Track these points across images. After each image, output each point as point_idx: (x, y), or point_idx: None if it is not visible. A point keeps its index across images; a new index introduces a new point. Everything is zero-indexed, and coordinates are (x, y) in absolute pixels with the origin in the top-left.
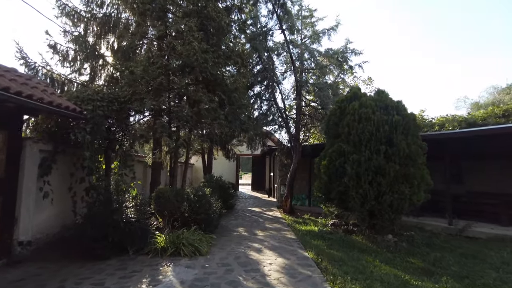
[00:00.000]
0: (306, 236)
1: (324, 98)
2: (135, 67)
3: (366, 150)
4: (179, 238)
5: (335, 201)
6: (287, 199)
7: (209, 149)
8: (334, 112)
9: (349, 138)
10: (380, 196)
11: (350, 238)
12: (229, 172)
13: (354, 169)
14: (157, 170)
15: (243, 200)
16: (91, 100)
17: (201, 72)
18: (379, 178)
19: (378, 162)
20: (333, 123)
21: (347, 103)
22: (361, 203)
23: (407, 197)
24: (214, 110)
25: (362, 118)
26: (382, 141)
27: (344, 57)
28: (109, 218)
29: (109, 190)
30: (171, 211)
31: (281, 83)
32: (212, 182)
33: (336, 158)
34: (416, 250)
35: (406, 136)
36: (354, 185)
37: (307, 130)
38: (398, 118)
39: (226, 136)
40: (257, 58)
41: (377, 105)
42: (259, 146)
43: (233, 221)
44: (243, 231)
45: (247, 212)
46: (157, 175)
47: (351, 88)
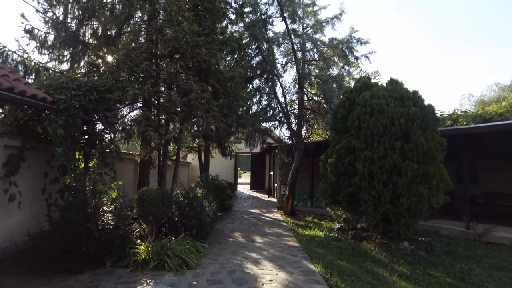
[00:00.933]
0: (310, 244)
1: (328, 91)
2: (116, 51)
3: (380, 146)
4: (164, 248)
5: (343, 204)
6: (289, 200)
7: (205, 147)
8: (342, 104)
9: (359, 133)
10: (396, 199)
11: (360, 246)
12: (227, 171)
13: (366, 167)
14: (145, 169)
15: (241, 200)
16: (65, 89)
17: (192, 57)
18: (394, 177)
19: (393, 159)
20: (341, 116)
21: (357, 93)
22: (374, 207)
23: (425, 200)
24: (207, 101)
25: (375, 110)
26: (397, 136)
27: (349, 47)
28: (81, 225)
29: (84, 192)
30: (157, 216)
31: (282, 76)
32: (208, 182)
33: (345, 155)
34: (436, 260)
35: (424, 131)
36: (366, 186)
37: (309, 126)
38: (415, 110)
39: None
40: (256, 48)
41: (391, 95)
42: (258, 143)
43: (230, 224)
44: (240, 237)
45: (245, 214)
46: (145, 174)
47: (361, 77)
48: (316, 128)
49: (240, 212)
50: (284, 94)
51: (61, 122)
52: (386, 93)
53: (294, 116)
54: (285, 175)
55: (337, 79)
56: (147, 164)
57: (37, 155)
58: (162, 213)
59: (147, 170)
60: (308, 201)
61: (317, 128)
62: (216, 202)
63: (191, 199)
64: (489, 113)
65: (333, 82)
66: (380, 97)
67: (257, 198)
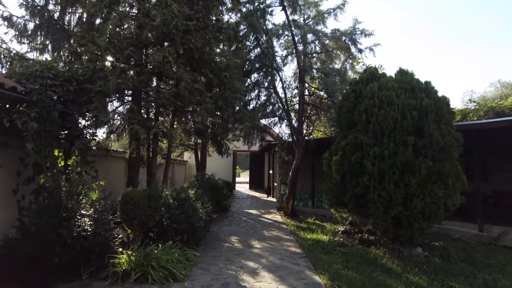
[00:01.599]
0: (314, 249)
1: (331, 85)
2: (98, 37)
3: (390, 142)
4: (148, 258)
5: (350, 206)
6: (289, 201)
7: (202, 145)
8: (347, 97)
9: (367, 128)
10: (408, 200)
11: (368, 252)
12: (225, 169)
13: (375, 165)
14: (134, 168)
15: (239, 200)
16: (39, 78)
17: (182, 44)
18: (407, 177)
19: (405, 156)
20: (347, 110)
21: (363, 85)
22: (384, 209)
23: (441, 201)
24: (199, 92)
25: (384, 103)
26: (409, 130)
27: (353, 39)
28: (53, 231)
29: (58, 194)
30: (142, 221)
31: (282, 70)
32: (204, 181)
33: (352, 152)
34: (455, 269)
35: (438, 125)
36: (376, 185)
37: (310, 122)
38: (429, 102)
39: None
40: (255, 40)
41: (401, 86)
42: (257, 141)
43: (226, 227)
44: (237, 242)
45: (243, 215)
46: (134, 173)
47: (367, 67)
48: (317, 124)
49: (237, 213)
50: (284, 89)
51: (34, 115)
52: (396, 84)
53: (294, 112)
54: (285, 174)
55: (340, 73)
56: (137, 162)
57: (10, 152)
58: (149, 217)
59: (137, 169)
60: (309, 201)
61: (319, 124)
62: (212, 203)
63: (181, 201)
64: (503, 106)
65: (335, 75)
66: (389, 88)
67: (256, 197)
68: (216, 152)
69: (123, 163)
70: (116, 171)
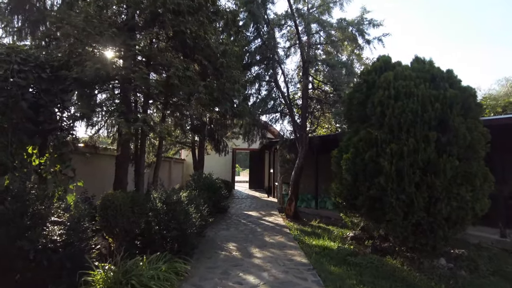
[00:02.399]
0: (321, 259)
1: (338, 77)
2: (75, 16)
3: (410, 138)
4: (128, 275)
5: (362, 210)
6: (292, 202)
7: (199, 143)
8: (358, 88)
9: (382, 122)
10: (432, 204)
11: (384, 263)
12: (224, 168)
13: (393, 164)
14: (122, 167)
15: (239, 200)
16: (4, 63)
17: (173, 27)
18: (430, 177)
19: (427, 154)
20: (358, 102)
21: (377, 74)
22: (404, 214)
23: (468, 206)
24: (191, 81)
25: (401, 93)
26: (431, 124)
27: (360, 29)
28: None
29: (24, 197)
30: (125, 228)
31: (284, 63)
32: (200, 181)
33: (365, 149)
34: (485, 284)
35: (464, 118)
36: (394, 187)
37: (314, 118)
38: (454, 92)
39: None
40: (255, 30)
41: (419, 76)
42: (257, 138)
43: (224, 231)
44: (235, 250)
45: (242, 217)
46: (123, 173)
47: (380, 56)
48: (322, 120)
49: (236, 215)
50: (286, 83)
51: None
52: (414, 73)
53: (297, 108)
54: (286, 173)
55: (347, 65)
56: (125, 161)
57: None
58: (132, 224)
59: (125, 168)
60: (312, 202)
61: (323, 120)
62: (209, 205)
63: (171, 205)
64: None
65: (342, 67)
66: (406, 77)
67: (256, 197)
68: (213, 150)
69: (113, 162)
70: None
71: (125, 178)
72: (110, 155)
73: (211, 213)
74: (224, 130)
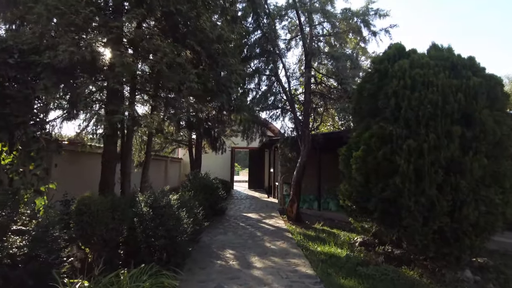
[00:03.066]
0: (329, 270)
1: (343, 70)
2: None
3: (430, 133)
4: None
5: (375, 214)
6: (293, 203)
7: (196, 141)
8: (369, 78)
9: (397, 115)
10: (457, 209)
11: (400, 274)
12: (223, 168)
13: (411, 163)
14: (109, 166)
15: (238, 201)
16: None
17: (161, 6)
18: (454, 178)
19: (451, 152)
20: (369, 94)
21: (389, 63)
22: (424, 220)
23: (498, 210)
24: (182, 68)
25: (418, 83)
26: (453, 118)
27: (366, 20)
28: None
29: None
30: (104, 237)
31: (285, 56)
32: (196, 181)
33: (378, 146)
34: None
35: (491, 111)
36: (412, 189)
37: (317, 115)
38: (478, 81)
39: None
40: (255, 22)
41: (438, 64)
42: (257, 136)
43: (221, 235)
44: (232, 259)
45: (241, 219)
46: (109, 173)
47: (392, 44)
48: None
49: (234, 218)
50: (288, 77)
51: None
52: (432, 61)
53: (299, 103)
54: (287, 172)
55: (352, 58)
56: (111, 159)
57: None
58: (113, 231)
59: (111, 168)
60: (315, 203)
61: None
62: (204, 207)
63: (159, 210)
64: None
65: (347, 60)
66: (423, 65)
67: (255, 198)
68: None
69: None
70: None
71: (111, 178)
72: (99, 154)
73: (207, 216)
74: (221, 126)
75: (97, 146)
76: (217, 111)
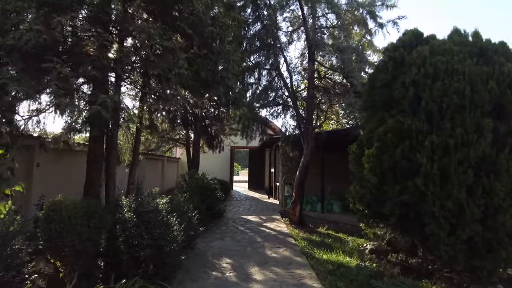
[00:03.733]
0: (338, 283)
1: (348, 63)
2: None
3: (456, 127)
4: None
5: (392, 220)
6: (296, 206)
7: (194, 139)
8: (383, 67)
9: (417, 107)
10: (490, 215)
11: None
12: (222, 167)
13: (435, 161)
14: (95, 166)
15: (237, 202)
16: None
17: None
18: (486, 179)
19: (482, 149)
20: (383, 85)
21: (406, 50)
22: (451, 227)
23: None
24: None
25: (440, 71)
26: (484, 110)
27: (372, 12)
28: None
29: None
30: (76, 248)
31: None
32: (193, 182)
33: (395, 142)
34: None
35: None
36: (436, 192)
37: (321, 112)
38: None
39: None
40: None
41: (463, 50)
42: (257, 134)
43: (218, 241)
44: (229, 269)
45: (240, 223)
46: (95, 173)
47: (408, 30)
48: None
49: (233, 221)
50: (290, 72)
51: None
52: (456, 47)
53: (301, 100)
54: (289, 172)
55: (358, 51)
56: (97, 159)
57: None
58: (87, 242)
59: (97, 168)
60: (318, 205)
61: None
62: (200, 210)
63: (145, 215)
64: None
65: (352, 53)
66: (446, 52)
67: (255, 199)
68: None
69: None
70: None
71: (97, 179)
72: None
73: (203, 219)
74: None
75: (84, 144)
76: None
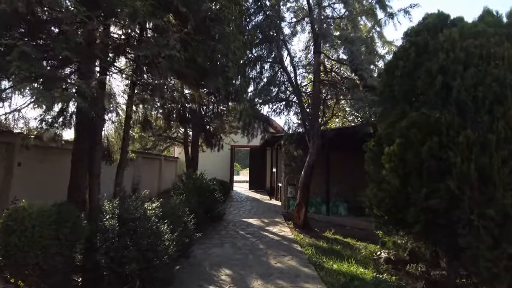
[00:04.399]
0: None
1: (358, 54)
2: None
3: (498, 121)
4: None
5: (416, 227)
6: (301, 208)
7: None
8: (403, 54)
9: (446, 98)
10: None
11: None
12: (222, 167)
13: (471, 161)
14: (80, 166)
15: (237, 204)
16: None
17: None
18: None
19: None
20: (403, 74)
21: (429, 35)
22: (493, 240)
23: None
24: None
25: (473, 57)
26: None
27: (381, 1)
28: None
29: None
30: (41, 266)
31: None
32: (190, 183)
33: (420, 139)
34: None
35: None
36: (475, 196)
37: (327, 108)
38: None
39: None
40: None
41: (499, 32)
42: (258, 132)
43: (216, 248)
44: (228, 282)
45: (240, 226)
46: (80, 174)
47: (430, 14)
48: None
49: (233, 224)
50: (293, 66)
51: None
52: (490, 29)
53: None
54: (291, 172)
55: (367, 42)
56: (83, 158)
57: None
58: (56, 257)
59: (83, 167)
60: (323, 207)
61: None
62: (198, 214)
63: (131, 223)
64: None
65: (362, 44)
66: (478, 34)
67: (256, 200)
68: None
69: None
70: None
71: (83, 180)
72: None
73: (201, 223)
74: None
75: (70, 142)
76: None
